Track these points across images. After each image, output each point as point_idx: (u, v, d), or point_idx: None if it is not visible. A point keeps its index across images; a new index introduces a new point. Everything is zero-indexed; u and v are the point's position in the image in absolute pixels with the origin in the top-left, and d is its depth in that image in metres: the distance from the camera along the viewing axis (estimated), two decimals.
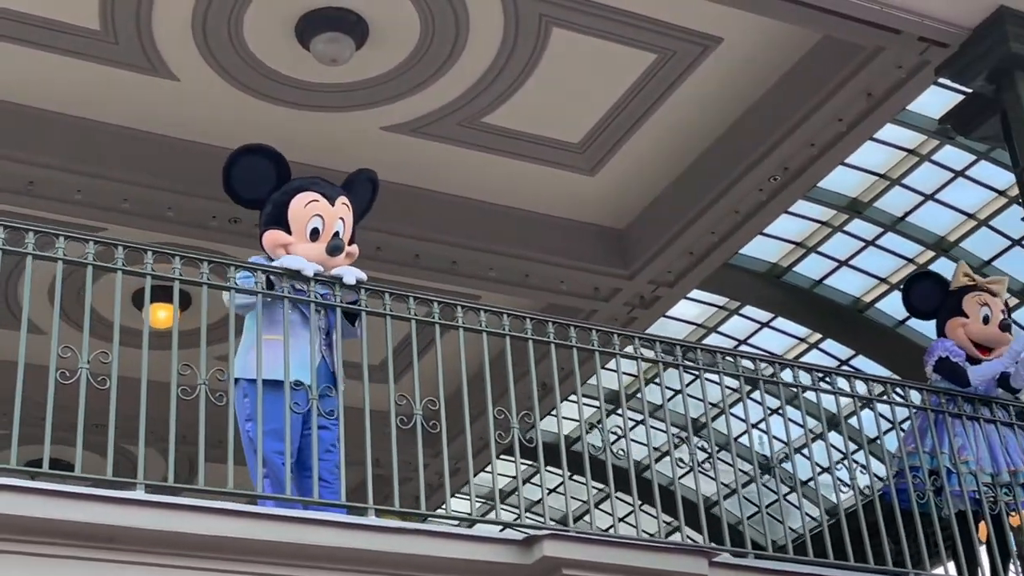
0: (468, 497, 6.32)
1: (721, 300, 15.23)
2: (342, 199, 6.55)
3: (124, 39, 9.49)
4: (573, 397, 14.83)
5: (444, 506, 6.15)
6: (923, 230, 13.68)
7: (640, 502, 12.77)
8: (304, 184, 6.56)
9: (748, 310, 15.39)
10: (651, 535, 6.38)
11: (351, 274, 6.20)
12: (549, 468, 6.44)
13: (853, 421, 10.49)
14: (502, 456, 14.93)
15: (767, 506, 12.18)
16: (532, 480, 19.81)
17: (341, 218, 6.48)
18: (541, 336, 6.92)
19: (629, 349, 7.31)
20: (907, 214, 13.48)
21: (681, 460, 6.69)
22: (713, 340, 15.46)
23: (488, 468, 17.63)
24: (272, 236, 6.29)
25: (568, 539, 5.22)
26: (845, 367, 14.66)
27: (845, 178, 13.03)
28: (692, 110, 10.61)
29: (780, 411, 7.67)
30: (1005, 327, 7.97)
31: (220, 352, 6.09)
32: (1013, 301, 13.35)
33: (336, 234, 6.39)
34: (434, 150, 10.88)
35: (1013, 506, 7.00)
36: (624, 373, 7.38)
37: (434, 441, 6.39)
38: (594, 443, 6.43)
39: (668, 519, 14.72)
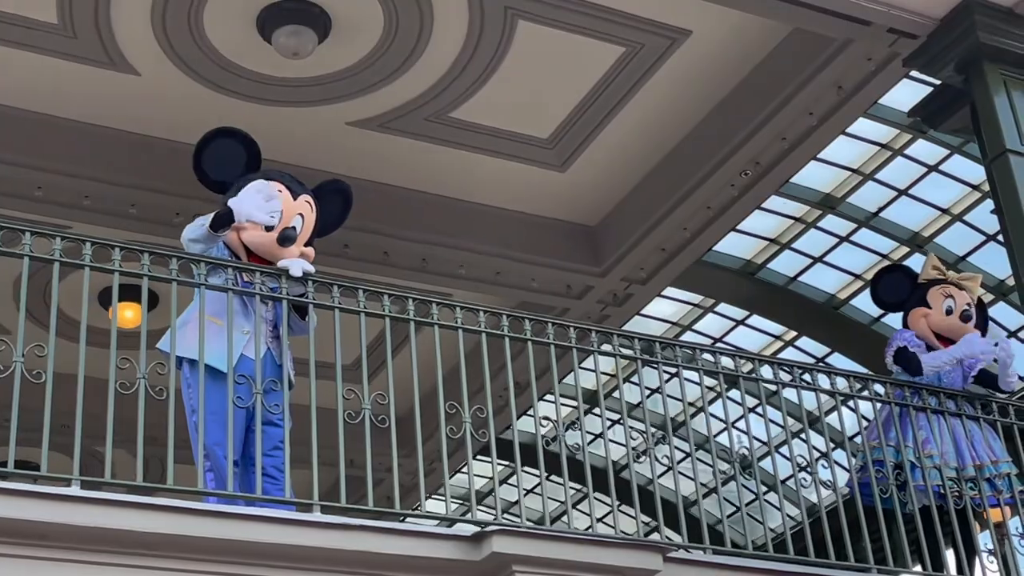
0: (443, 498, 6.16)
1: (696, 298, 15.12)
2: (306, 197, 6.46)
3: (82, 33, 9.33)
4: (549, 397, 14.78)
5: (417, 506, 6.04)
6: (897, 225, 13.60)
7: (619, 502, 12.72)
8: (271, 174, 6.45)
9: (723, 307, 15.28)
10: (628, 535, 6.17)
11: (297, 266, 6.06)
12: (526, 468, 6.29)
13: (832, 419, 10.49)
14: (478, 457, 14.81)
15: (747, 504, 12.09)
16: (509, 481, 19.71)
17: (300, 214, 6.36)
18: (517, 333, 6.74)
19: (607, 347, 7.15)
20: (881, 209, 13.38)
21: (659, 460, 6.55)
22: (688, 338, 15.34)
23: (465, 468, 17.49)
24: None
25: (517, 534, 5.09)
26: (822, 364, 14.59)
27: (818, 173, 12.93)
28: (662, 105, 10.51)
29: (759, 409, 7.52)
30: (966, 318, 7.87)
31: None
32: (988, 298, 13.26)
33: (292, 227, 6.25)
34: (401, 146, 10.75)
35: (978, 501, 6.89)
36: (601, 372, 7.29)
37: (407, 440, 6.29)
38: (573, 443, 6.26)
39: (647, 519, 14.64)
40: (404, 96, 10.24)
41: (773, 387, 7.30)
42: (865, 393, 7.28)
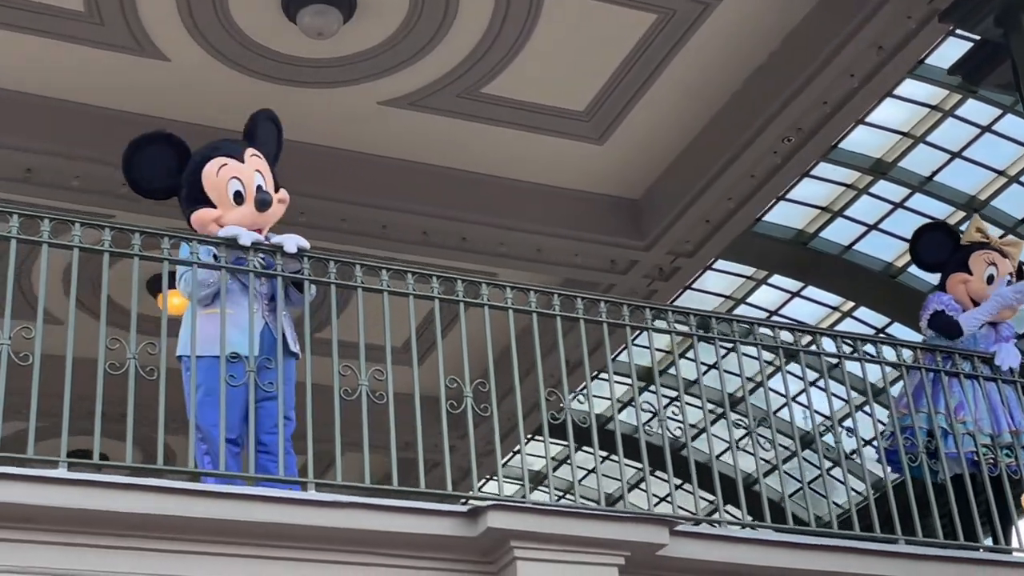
0: (502, 480, 6.01)
1: (748, 270, 14.84)
2: (249, 151, 6.29)
3: (109, 20, 9.33)
4: (603, 376, 14.59)
5: (473, 490, 5.88)
6: (952, 189, 13.21)
7: (681, 481, 12.54)
8: (208, 153, 6.31)
9: (776, 279, 14.97)
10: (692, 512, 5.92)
11: (292, 242, 5.95)
12: (584, 448, 6.12)
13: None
14: (535, 437, 14.66)
15: (810, 482, 11.83)
16: (567, 462, 19.56)
17: (257, 170, 6.22)
18: (568, 312, 6.56)
19: (662, 324, 6.94)
20: (934, 173, 13.01)
21: (719, 437, 6.35)
22: (742, 312, 15.07)
23: (525, 450, 17.24)
24: (200, 216, 6.08)
25: (514, 509, 4.95)
26: (882, 335, 14.26)
27: (867, 138, 12.60)
28: (698, 72, 10.29)
29: (819, 383, 7.29)
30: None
31: None
32: None
33: (259, 188, 6.14)
34: (435, 123, 10.64)
35: (1015, 468, 6.62)
36: (656, 349, 7.12)
37: (461, 423, 6.20)
38: (627, 421, 6.09)
39: (710, 497, 14.44)
40: (434, 73, 10.12)
41: (834, 360, 7.03)
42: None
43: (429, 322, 6.58)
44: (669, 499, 5.77)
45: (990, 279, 7.61)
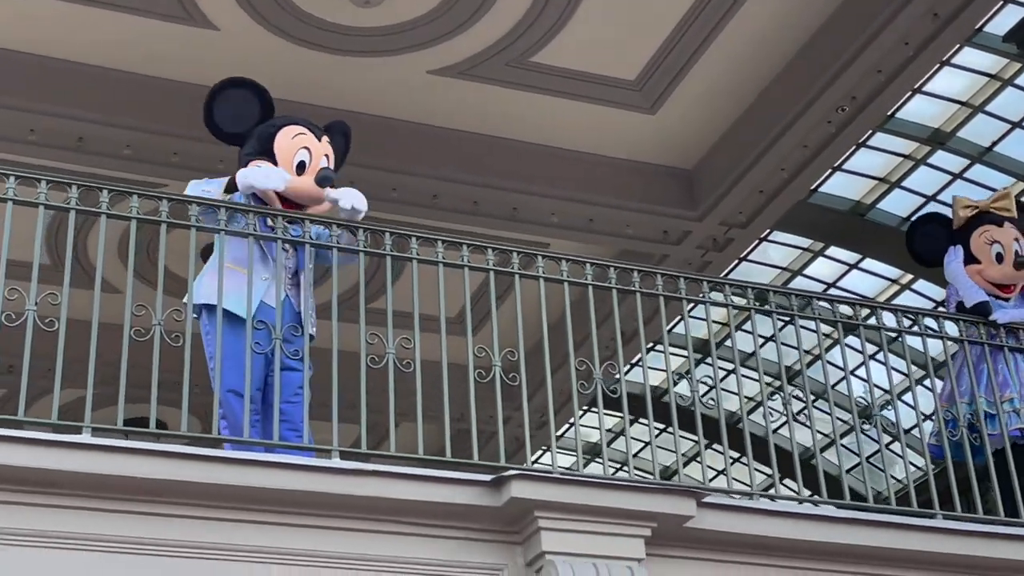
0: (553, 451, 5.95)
1: (804, 242, 14.64)
2: (326, 138, 6.32)
3: None
4: (659, 348, 14.42)
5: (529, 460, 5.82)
6: (1013, 160, 12.92)
7: (738, 454, 12.42)
8: (292, 120, 6.32)
9: (833, 251, 14.76)
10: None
11: (348, 197, 5.87)
12: (641, 420, 6.01)
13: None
14: (591, 409, 14.48)
15: (868, 457, 11.69)
16: (624, 434, 19.49)
17: (326, 154, 6.23)
18: (624, 284, 6.46)
19: (719, 297, 6.83)
20: (994, 144, 12.73)
21: (775, 411, 6.25)
22: (799, 284, 14.90)
23: (583, 422, 17.21)
24: (257, 165, 6.06)
25: (537, 479, 4.89)
26: (941, 308, 14.03)
27: (924, 108, 12.35)
28: (751, 40, 10.16)
29: (879, 356, 7.14)
30: (1020, 265, 7.23)
31: None
32: None
33: (324, 166, 6.14)
34: (485, 93, 10.60)
35: None
36: (713, 321, 7.00)
37: (515, 395, 6.17)
38: (682, 394, 5.98)
39: (768, 471, 14.35)
40: (483, 42, 10.09)
41: (894, 334, 6.86)
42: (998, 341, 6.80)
43: (481, 294, 6.53)
44: (724, 472, 5.67)
45: (999, 257, 7.31)
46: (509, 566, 4.94)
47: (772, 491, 5.98)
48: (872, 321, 6.85)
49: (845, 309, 6.96)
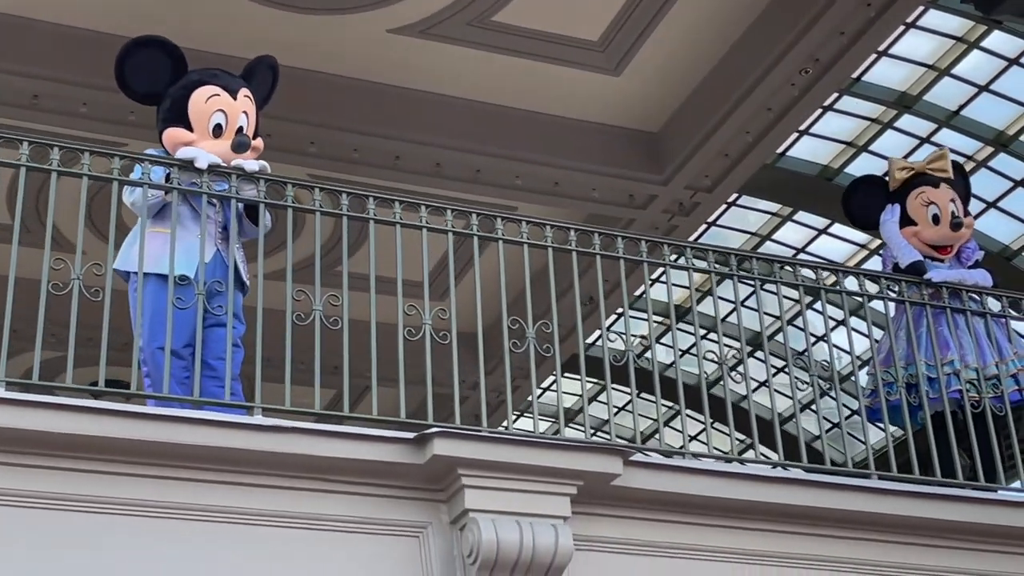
0: (532, 416, 5.88)
1: (773, 207, 14.63)
2: (244, 91, 6.20)
3: None
4: (631, 313, 14.25)
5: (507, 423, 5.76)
6: (980, 124, 12.90)
7: (711, 420, 12.42)
8: (204, 77, 6.20)
9: (802, 216, 14.76)
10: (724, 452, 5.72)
11: (254, 164, 5.84)
12: (615, 386, 5.97)
13: None
14: (568, 375, 14.40)
15: (802, 408, 11.67)
16: (599, 399, 19.50)
17: (244, 112, 6.12)
18: (586, 248, 6.40)
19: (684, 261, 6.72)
20: (961, 107, 12.71)
21: (748, 376, 6.17)
22: (768, 248, 14.89)
23: (553, 387, 17.12)
24: (173, 134, 5.98)
25: (460, 436, 4.83)
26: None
27: (891, 71, 12.33)
28: (715, 1, 10.05)
29: (844, 322, 7.10)
30: (956, 226, 7.17)
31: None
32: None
33: (240, 129, 6.04)
34: (446, 53, 10.48)
35: (999, 404, 6.41)
36: (677, 286, 6.86)
37: (489, 359, 6.07)
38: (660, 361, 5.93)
39: (741, 437, 14.35)
40: (443, 0, 9.96)
41: (859, 299, 6.82)
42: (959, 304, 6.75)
43: (452, 257, 6.44)
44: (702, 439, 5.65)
45: (935, 219, 7.23)
46: (433, 524, 4.90)
47: (704, 449, 5.92)
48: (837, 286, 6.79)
49: (807, 273, 6.93)
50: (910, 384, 6.42)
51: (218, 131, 5.99)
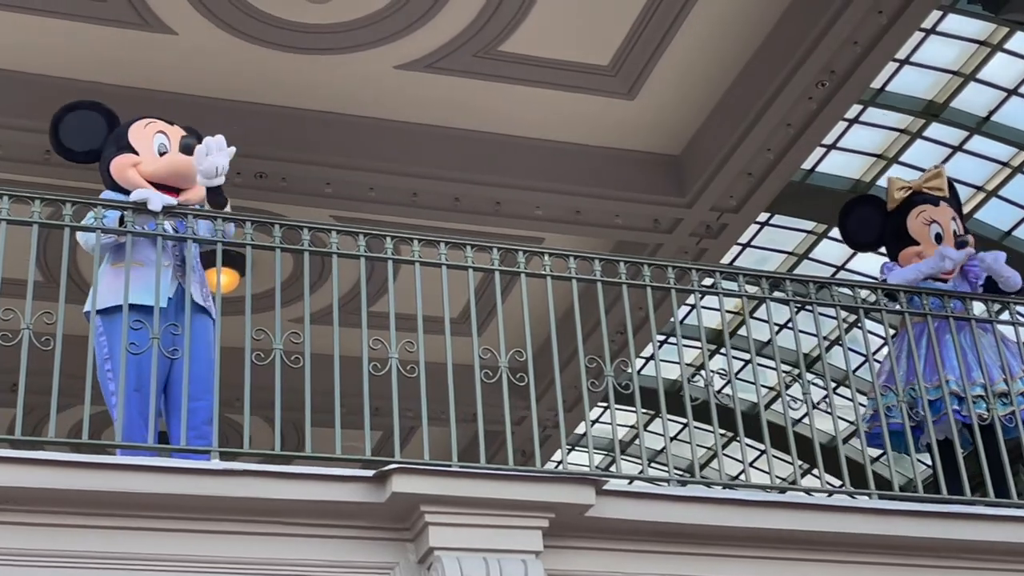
0: (583, 449, 5.77)
1: (808, 224, 14.35)
2: (178, 126, 6.25)
3: None
4: (672, 341, 13.96)
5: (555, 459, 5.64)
6: (1012, 129, 12.58)
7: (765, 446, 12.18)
8: (139, 118, 6.27)
9: (838, 232, 14.44)
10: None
11: (157, 199, 5.64)
12: (670, 417, 5.84)
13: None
14: (617, 407, 14.32)
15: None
16: (648, 429, 19.24)
17: (183, 132, 6.15)
18: (634, 279, 6.31)
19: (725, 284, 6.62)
20: (992, 113, 12.40)
21: (795, 399, 6.00)
22: (806, 268, 14.62)
23: (595, 420, 17.00)
24: (120, 161, 5.99)
25: (420, 472, 4.66)
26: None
27: (915, 79, 12.06)
28: (723, 16, 9.90)
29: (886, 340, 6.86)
30: (961, 245, 6.94)
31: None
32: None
33: (190, 136, 6.00)
34: (456, 86, 10.39)
35: (1010, 419, 6.12)
36: (714, 310, 6.73)
37: (525, 393, 5.98)
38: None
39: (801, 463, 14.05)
40: (447, 33, 9.88)
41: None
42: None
43: (482, 294, 6.37)
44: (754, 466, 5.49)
45: (938, 238, 7.03)
46: (401, 564, 4.73)
47: (684, 478, 5.68)
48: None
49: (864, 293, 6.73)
50: (912, 406, 6.17)
51: (163, 150, 6.02)
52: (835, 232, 14.58)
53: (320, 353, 5.15)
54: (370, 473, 4.71)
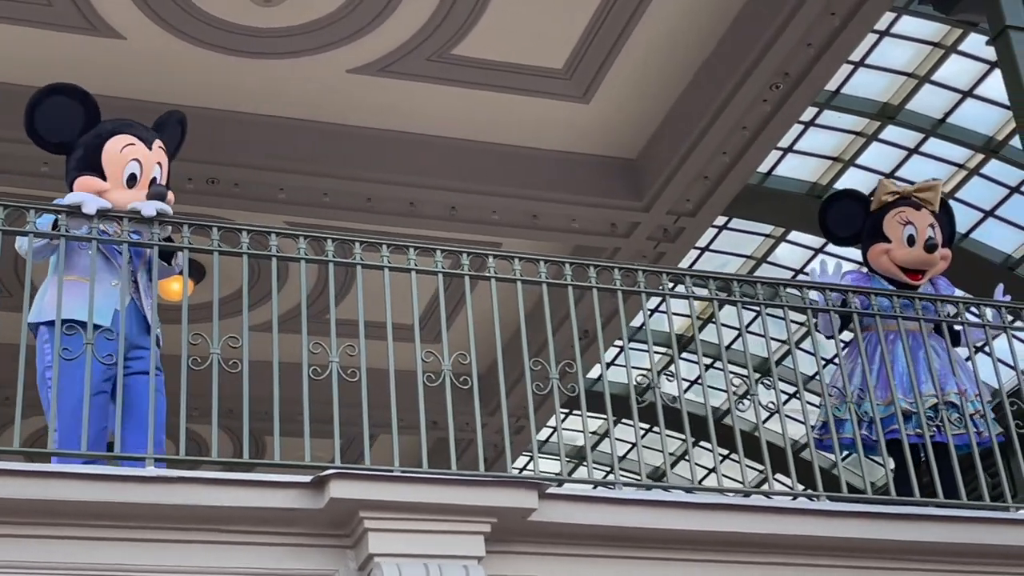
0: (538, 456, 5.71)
1: (765, 228, 14.34)
2: (158, 143, 6.02)
3: (58, 1, 9.13)
4: (633, 345, 13.87)
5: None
6: (968, 131, 12.60)
7: (727, 451, 12.18)
8: (118, 127, 6.01)
9: (796, 236, 14.46)
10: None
11: (150, 206, 5.61)
12: (624, 421, 5.71)
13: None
14: (574, 412, 14.14)
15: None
16: (601, 434, 19.15)
17: (158, 162, 5.94)
18: (580, 281, 6.19)
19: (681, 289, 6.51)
20: (947, 115, 12.41)
21: (762, 405, 5.92)
22: (765, 271, 14.61)
23: (551, 424, 16.84)
24: (86, 183, 5.78)
25: (358, 478, 4.58)
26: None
27: (870, 81, 12.06)
28: (676, 19, 9.87)
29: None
30: (931, 247, 6.83)
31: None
32: None
33: (154, 180, 5.85)
34: (409, 90, 10.32)
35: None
36: (675, 314, 6.69)
37: (487, 400, 5.85)
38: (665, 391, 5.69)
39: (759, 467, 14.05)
40: (400, 37, 9.82)
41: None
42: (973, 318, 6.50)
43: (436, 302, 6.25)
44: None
45: (910, 240, 6.87)
46: (341, 571, 4.64)
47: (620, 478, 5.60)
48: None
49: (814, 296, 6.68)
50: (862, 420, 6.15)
51: (132, 181, 5.81)
52: (793, 235, 14.63)
53: (261, 360, 5.06)
54: (308, 479, 4.63)
